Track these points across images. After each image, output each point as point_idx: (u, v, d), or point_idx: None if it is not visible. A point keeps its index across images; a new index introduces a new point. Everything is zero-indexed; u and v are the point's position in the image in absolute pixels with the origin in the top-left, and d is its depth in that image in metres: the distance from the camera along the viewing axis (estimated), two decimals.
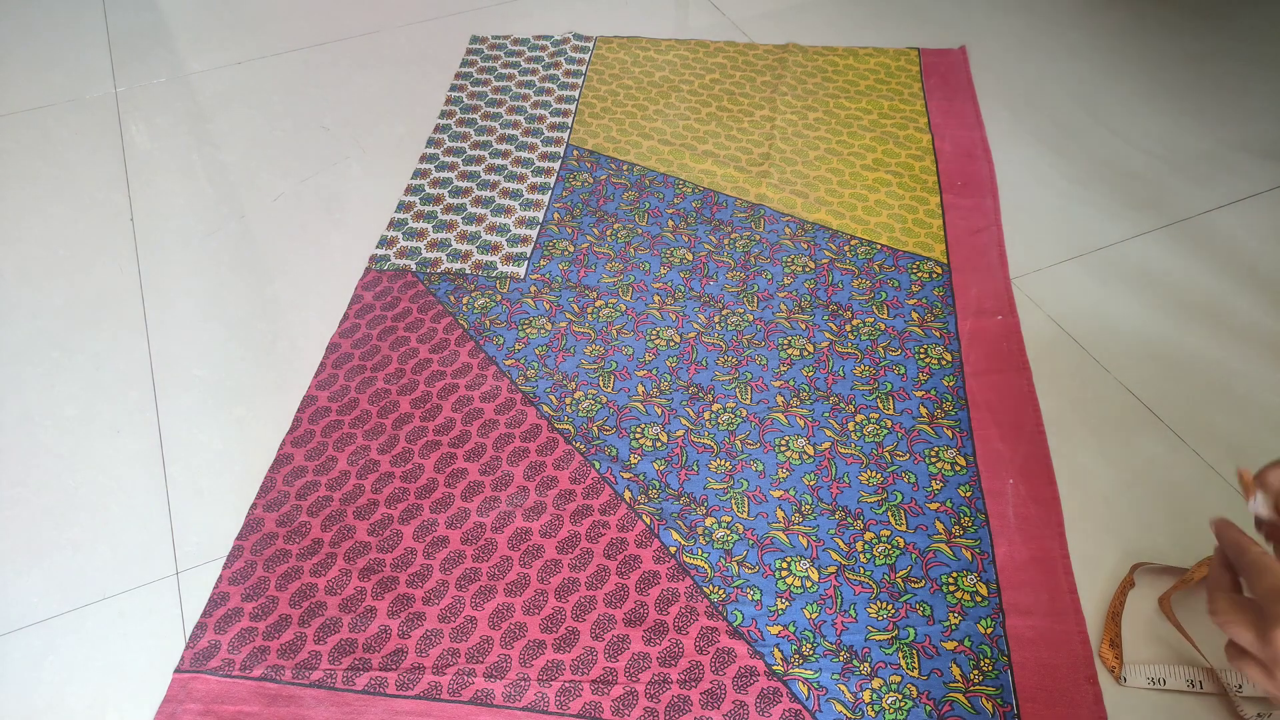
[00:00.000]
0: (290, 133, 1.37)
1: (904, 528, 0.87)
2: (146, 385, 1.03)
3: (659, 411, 0.98)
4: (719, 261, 1.14)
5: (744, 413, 0.97)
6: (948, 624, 0.80)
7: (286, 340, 1.08)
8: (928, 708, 0.75)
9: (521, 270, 1.14)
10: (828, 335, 1.05)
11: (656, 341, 1.05)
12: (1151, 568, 0.82)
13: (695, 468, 0.93)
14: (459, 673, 0.78)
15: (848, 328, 1.05)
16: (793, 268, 1.13)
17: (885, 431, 0.95)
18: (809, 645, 0.79)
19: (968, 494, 0.89)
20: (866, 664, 0.78)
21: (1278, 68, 1.44)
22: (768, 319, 1.07)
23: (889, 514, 0.88)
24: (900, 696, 0.76)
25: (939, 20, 1.56)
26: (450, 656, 0.79)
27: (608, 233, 1.18)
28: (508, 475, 0.93)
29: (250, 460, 0.95)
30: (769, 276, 1.12)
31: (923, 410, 0.97)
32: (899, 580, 0.83)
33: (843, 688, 0.76)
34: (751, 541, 0.87)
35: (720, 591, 0.83)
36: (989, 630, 0.79)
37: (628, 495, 0.90)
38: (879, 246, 1.15)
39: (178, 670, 0.79)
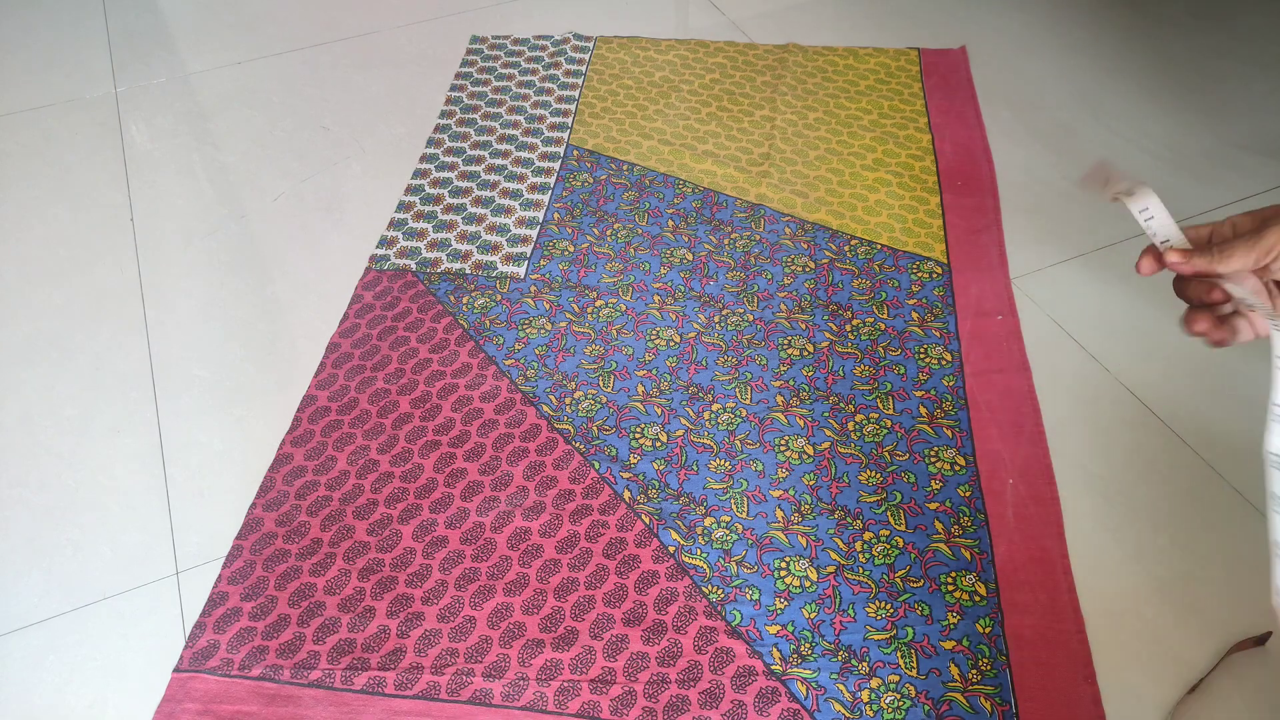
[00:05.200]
0: (290, 133, 1.37)
1: (903, 527, 0.87)
2: (146, 385, 1.03)
3: (659, 411, 0.98)
4: (719, 261, 1.14)
5: (744, 413, 0.97)
6: (946, 623, 0.80)
7: (286, 340, 1.08)
8: (926, 707, 0.75)
9: (521, 270, 1.14)
10: (828, 335, 1.05)
11: (656, 341, 1.05)
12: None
13: (695, 468, 0.93)
14: (457, 672, 0.78)
15: (848, 328, 1.05)
16: (793, 268, 1.13)
17: (885, 431, 0.95)
18: (807, 645, 0.79)
19: (967, 494, 0.89)
20: (865, 663, 0.78)
21: (1278, 67, 1.44)
22: (768, 319, 1.07)
23: (888, 514, 0.88)
24: (899, 696, 0.76)
25: (939, 20, 1.56)
26: (449, 656, 0.79)
27: (608, 233, 1.18)
28: (507, 475, 0.93)
29: (250, 460, 0.95)
30: (769, 276, 1.12)
31: (922, 410, 0.97)
32: (898, 580, 0.83)
33: (841, 687, 0.76)
34: (750, 541, 0.87)
35: (719, 591, 0.83)
36: (988, 630, 0.79)
37: (627, 495, 0.90)
38: (879, 246, 1.15)
39: (176, 670, 0.79)
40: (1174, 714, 0.74)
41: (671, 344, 1.05)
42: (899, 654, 0.78)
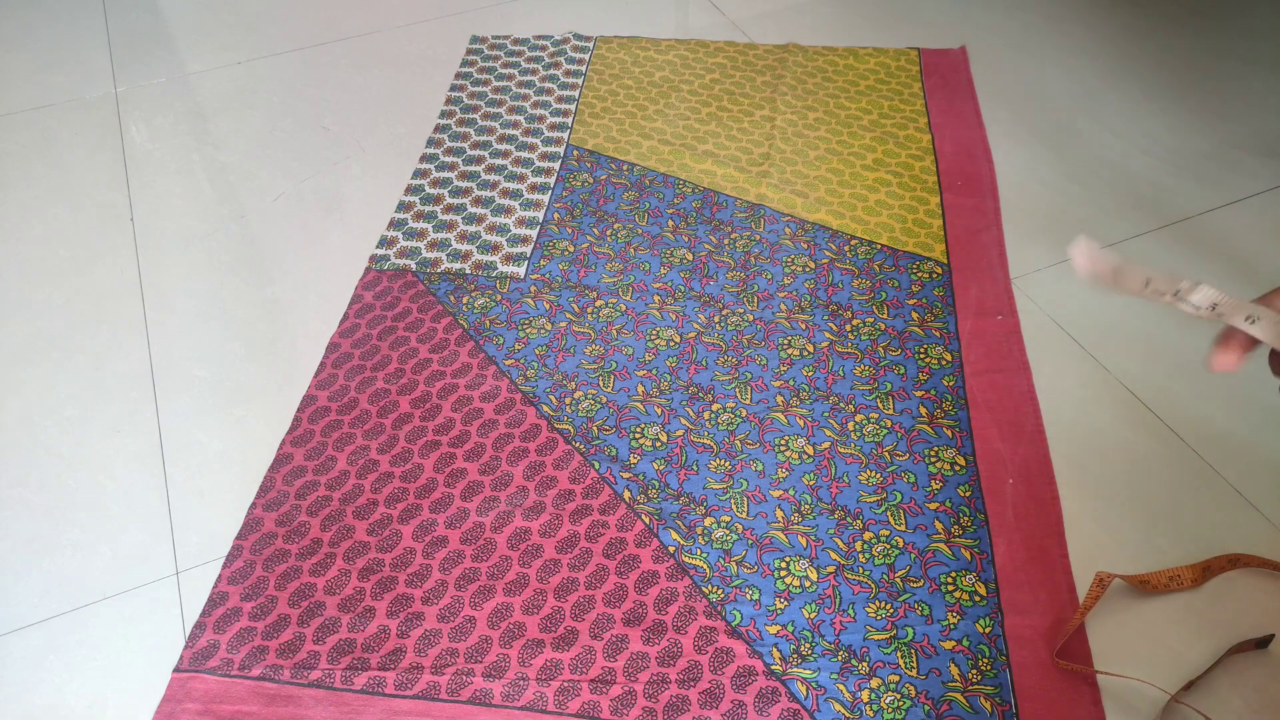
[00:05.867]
0: (290, 133, 1.37)
1: (903, 527, 0.87)
2: (146, 385, 1.03)
3: (659, 411, 0.98)
4: (719, 261, 1.14)
5: (744, 412, 0.97)
6: (946, 623, 0.80)
7: (286, 340, 1.08)
8: (926, 707, 0.75)
9: (521, 270, 1.14)
10: (828, 335, 1.05)
11: (656, 341, 1.05)
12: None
13: (695, 467, 0.93)
14: (457, 672, 0.78)
15: (848, 328, 1.05)
16: (793, 268, 1.13)
17: (885, 431, 0.95)
18: (807, 645, 0.79)
19: (967, 494, 0.89)
20: (865, 663, 0.78)
21: (1278, 67, 1.44)
22: (768, 319, 1.07)
23: (888, 514, 0.88)
24: (899, 696, 0.76)
25: (939, 20, 1.56)
26: (449, 656, 0.79)
27: (608, 233, 1.18)
28: (507, 475, 0.93)
29: (250, 460, 0.95)
30: (769, 276, 1.12)
31: (922, 410, 0.97)
32: (898, 580, 0.83)
33: (841, 687, 0.76)
34: (750, 541, 0.87)
35: (719, 591, 0.83)
36: (987, 630, 0.79)
37: (627, 495, 0.90)
38: (879, 246, 1.15)
39: (176, 670, 0.79)
40: (1166, 710, 0.74)
41: (671, 344, 1.05)
42: (899, 654, 0.78)
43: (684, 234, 1.18)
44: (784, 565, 0.85)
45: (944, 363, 1.01)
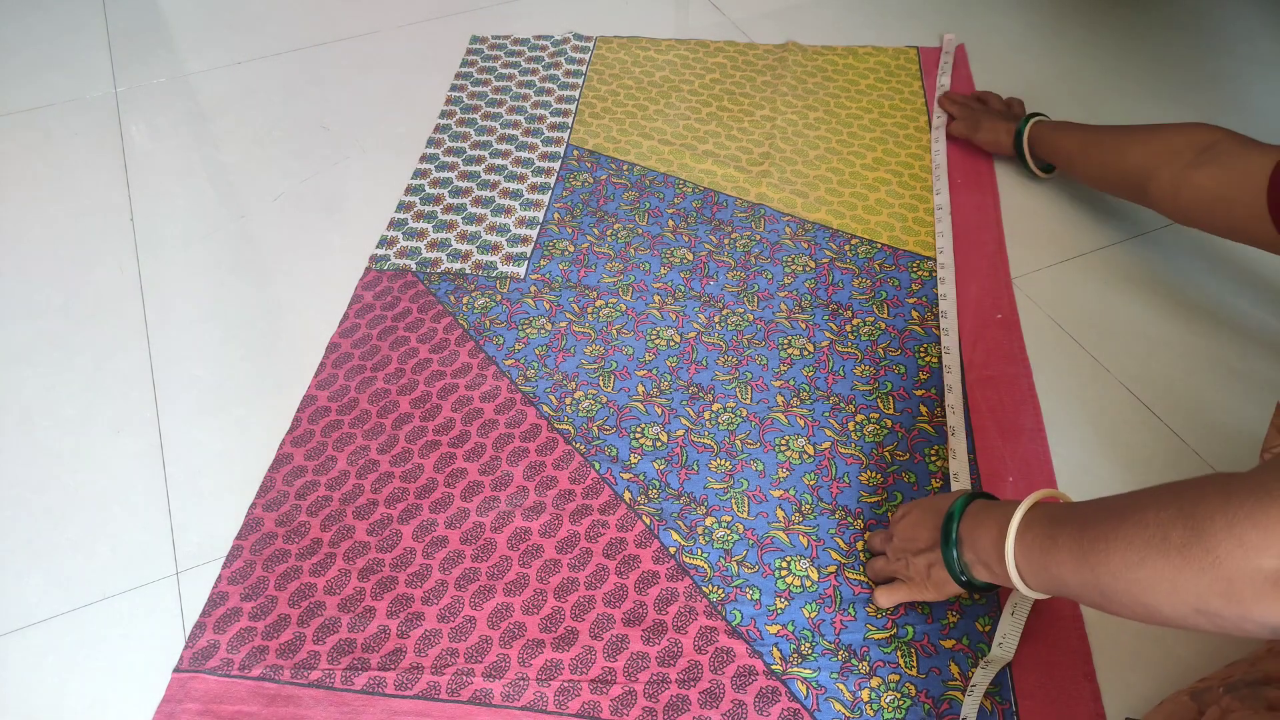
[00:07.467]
0: (290, 133, 1.37)
1: None
2: (146, 385, 1.03)
3: (659, 411, 0.98)
4: (719, 261, 1.14)
5: (744, 412, 0.97)
6: (946, 622, 0.80)
7: (286, 340, 1.08)
8: (926, 706, 0.75)
9: (521, 270, 1.14)
10: (828, 335, 1.05)
11: (656, 341, 1.05)
12: None
13: (695, 467, 0.93)
14: (457, 672, 0.78)
15: (848, 327, 1.05)
16: (793, 267, 1.13)
17: (885, 431, 0.95)
18: (808, 644, 0.79)
19: None
20: (865, 663, 0.78)
21: (1277, 67, 1.44)
22: (768, 318, 1.07)
23: (889, 514, 0.88)
24: (899, 695, 0.76)
25: (939, 20, 1.56)
26: (449, 656, 0.79)
27: (608, 233, 1.18)
28: (507, 475, 0.93)
29: (250, 460, 0.95)
30: (769, 276, 1.12)
31: (923, 410, 0.97)
32: None
33: (841, 686, 0.76)
34: (751, 541, 0.87)
35: (719, 591, 0.83)
36: (987, 629, 0.79)
37: (627, 495, 0.90)
38: (879, 245, 1.15)
39: (176, 670, 0.79)
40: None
41: (672, 344, 1.05)
42: (899, 653, 0.78)
43: (684, 234, 1.18)
44: (785, 565, 0.85)
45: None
